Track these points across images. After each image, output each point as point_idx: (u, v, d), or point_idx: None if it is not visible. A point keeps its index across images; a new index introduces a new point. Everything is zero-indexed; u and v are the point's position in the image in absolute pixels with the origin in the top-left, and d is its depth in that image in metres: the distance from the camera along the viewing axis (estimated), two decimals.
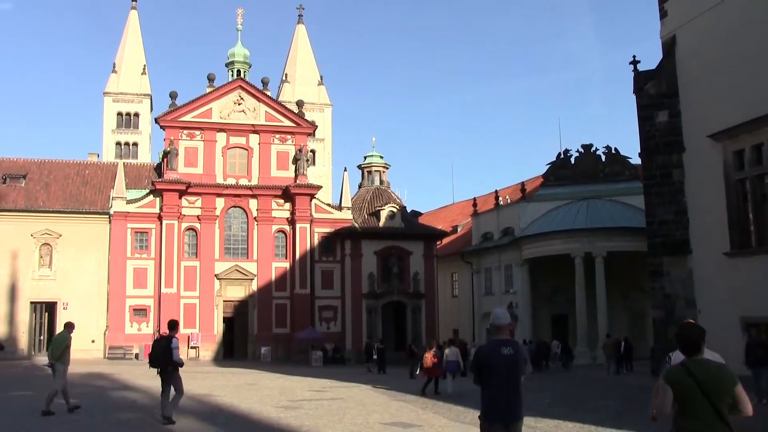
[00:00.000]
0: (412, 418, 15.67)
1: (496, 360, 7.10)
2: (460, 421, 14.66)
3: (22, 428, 13.46)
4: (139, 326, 44.95)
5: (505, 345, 7.21)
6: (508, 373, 7.10)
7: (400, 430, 13.61)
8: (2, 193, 45.65)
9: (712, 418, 5.12)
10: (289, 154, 48.67)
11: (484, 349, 7.50)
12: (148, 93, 77.05)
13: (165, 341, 13.75)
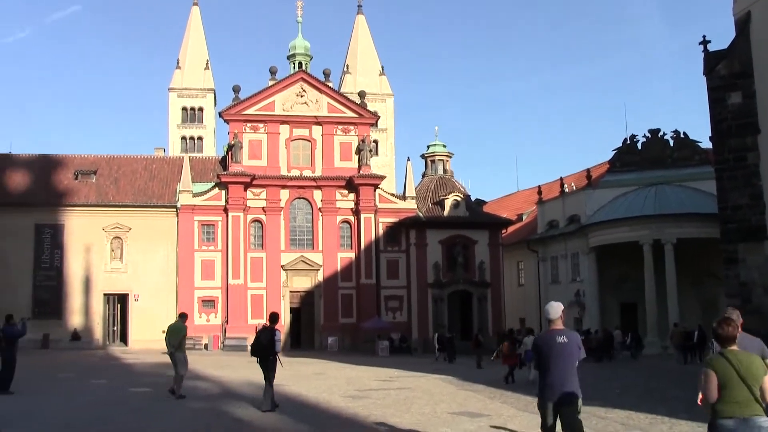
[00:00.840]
0: (479, 407, 15.55)
1: (551, 347, 8.19)
2: (529, 411, 14.43)
3: (100, 416, 13.74)
4: (208, 317, 45.73)
5: (559, 334, 8.25)
6: (562, 359, 8.16)
7: (468, 420, 13.49)
8: (74, 189, 46.98)
9: (748, 400, 5.80)
10: (352, 144, 48.79)
11: (541, 337, 8.68)
12: (212, 88, 78.04)
13: (269, 332, 14.44)
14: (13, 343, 17.69)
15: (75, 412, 14.50)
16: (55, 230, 45.81)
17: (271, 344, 14.25)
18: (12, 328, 17.91)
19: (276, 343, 14.29)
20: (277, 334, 14.40)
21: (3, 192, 46.48)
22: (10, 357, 17.57)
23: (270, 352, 14.27)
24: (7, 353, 17.52)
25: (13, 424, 12.45)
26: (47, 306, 44.90)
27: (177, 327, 17.28)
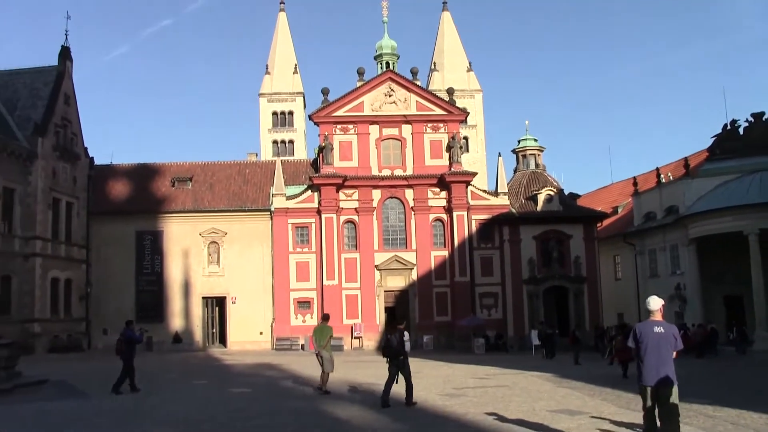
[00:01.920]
0: (579, 405, 15.21)
1: (649, 336, 9.46)
2: (631, 409, 14.04)
3: (206, 414, 14.04)
4: (304, 318, 46.34)
5: (657, 325, 9.54)
6: (659, 346, 9.40)
7: (567, 418, 13.19)
8: (172, 196, 48.42)
9: None
10: (442, 142, 48.59)
11: (640, 327, 9.76)
12: (301, 91, 79.11)
13: (399, 334, 15.60)
14: (132, 347, 18.91)
15: (182, 411, 14.88)
16: (155, 236, 47.36)
17: (401, 345, 15.46)
18: (132, 333, 19.29)
19: (405, 344, 15.60)
20: (406, 335, 15.77)
21: (106, 201, 48.33)
22: (129, 360, 18.78)
23: (401, 353, 15.40)
24: (126, 355, 18.76)
25: (129, 422, 12.86)
26: (150, 310, 46.46)
27: (323, 328, 18.91)
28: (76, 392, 18.75)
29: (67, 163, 45.11)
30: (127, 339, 19.00)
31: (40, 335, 40.74)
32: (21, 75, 45.91)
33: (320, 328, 19.03)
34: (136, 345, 19.36)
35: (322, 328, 18.94)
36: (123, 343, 18.98)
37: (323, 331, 18.77)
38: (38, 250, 41.55)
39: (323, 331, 18.77)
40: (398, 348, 15.44)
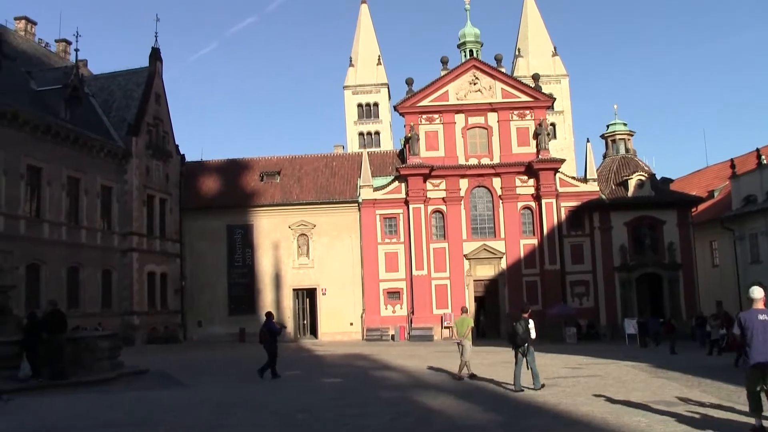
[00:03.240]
0: (676, 396, 14.70)
1: (753, 323, 9.91)
2: (732, 401, 13.49)
3: (301, 404, 14.19)
4: (393, 308, 46.50)
5: (761, 312, 9.99)
6: (763, 333, 9.83)
7: (664, 409, 12.74)
8: (261, 190, 49.27)
9: None
10: (529, 129, 47.90)
11: (744, 315, 10.16)
12: (385, 82, 79.35)
13: (525, 322, 16.13)
14: (275, 338, 20.57)
15: (276, 401, 15.09)
16: (246, 230, 48.27)
17: (527, 333, 16.03)
18: (272, 324, 21.10)
19: (530, 332, 16.11)
20: (531, 323, 16.15)
21: (197, 196, 49.54)
22: (272, 349, 20.33)
23: (527, 340, 15.98)
24: (270, 345, 20.33)
25: (225, 411, 13.12)
26: (242, 302, 47.49)
27: (464, 320, 20.06)
28: (175, 382, 19.28)
29: (159, 161, 46.43)
30: (269, 330, 20.71)
31: (138, 327, 42.10)
32: (115, 78, 47.49)
33: (461, 319, 20.26)
34: (277, 335, 20.93)
35: (463, 319, 20.16)
36: (266, 333, 20.69)
37: (464, 323, 19.99)
38: (135, 246, 42.94)
39: (464, 323, 19.99)
40: (524, 336, 15.99)
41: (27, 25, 48.03)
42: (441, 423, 11.91)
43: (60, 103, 39.01)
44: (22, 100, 36.54)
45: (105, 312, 39.95)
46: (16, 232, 34.48)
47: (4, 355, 18.12)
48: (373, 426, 11.45)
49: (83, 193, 39.79)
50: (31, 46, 46.56)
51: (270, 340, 20.52)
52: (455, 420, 12.17)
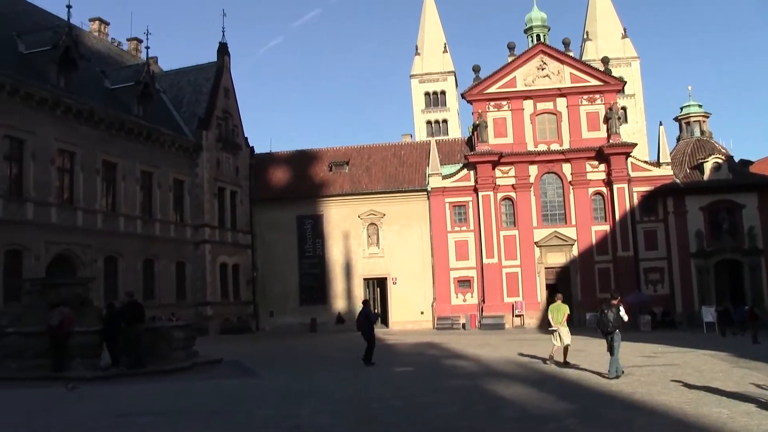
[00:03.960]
0: (759, 387, 14.19)
1: None
2: None
3: (371, 393, 14.23)
4: (464, 297, 46.28)
5: None
6: None
7: (747, 401, 12.32)
8: (330, 180, 49.58)
9: None
10: (599, 113, 46.95)
11: None
12: (452, 70, 78.88)
13: (615, 309, 16.27)
14: (371, 325, 21.13)
15: (348, 389, 15.16)
16: (316, 220, 48.66)
17: (617, 320, 16.09)
18: (369, 311, 21.77)
19: (623, 318, 16.25)
20: (621, 310, 16.28)
21: (267, 188, 50.17)
22: (370, 336, 20.85)
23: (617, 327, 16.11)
24: (368, 333, 20.87)
25: (297, 400, 13.23)
26: (313, 292, 47.97)
27: (559, 306, 20.01)
28: (248, 371, 19.53)
29: (229, 154, 47.13)
30: (366, 317, 21.29)
31: (212, 318, 42.88)
32: (185, 73, 48.45)
33: (556, 306, 20.16)
34: (373, 323, 21.42)
35: (558, 306, 20.08)
36: (363, 321, 21.26)
37: (559, 309, 19.93)
38: (207, 238, 43.72)
39: (559, 309, 19.93)
40: (614, 323, 16.07)
41: (100, 26, 49.27)
42: (513, 412, 11.78)
43: (133, 100, 39.98)
44: (97, 98, 37.54)
45: (179, 303, 40.86)
46: (93, 226, 35.54)
47: (85, 344, 18.68)
48: (445, 415, 11.39)
49: (156, 187, 40.74)
50: (105, 46, 47.74)
51: (367, 328, 21.07)
52: (527, 409, 12.01)
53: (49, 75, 33.99)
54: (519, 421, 10.76)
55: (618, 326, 16.19)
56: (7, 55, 33.16)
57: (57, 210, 33.42)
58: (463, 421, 10.81)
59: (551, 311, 20.38)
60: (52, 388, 15.74)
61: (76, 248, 34.29)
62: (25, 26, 36.54)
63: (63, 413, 12.17)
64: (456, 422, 10.69)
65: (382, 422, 10.89)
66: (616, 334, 16.14)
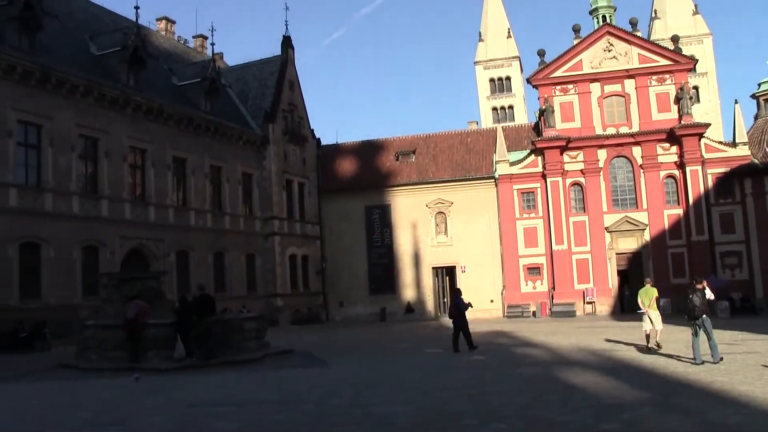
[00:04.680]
0: None
1: None
2: None
3: (443, 382, 14.16)
4: (534, 284, 45.81)
5: None
6: None
7: None
8: (396, 170, 49.60)
9: None
10: (670, 94, 45.74)
11: None
12: (516, 55, 78.09)
13: (701, 294, 16.28)
14: (463, 314, 21.58)
15: (418, 379, 15.13)
16: (383, 210, 48.77)
17: (704, 305, 16.13)
18: (461, 301, 22.08)
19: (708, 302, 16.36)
20: (708, 294, 16.47)
21: (334, 179, 50.48)
22: (462, 324, 21.39)
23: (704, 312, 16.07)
24: (459, 321, 21.44)
25: (368, 389, 13.26)
26: (382, 282, 48.16)
27: (647, 290, 20.01)
28: (318, 361, 19.67)
29: (296, 146, 47.54)
30: (457, 306, 21.80)
31: (282, 309, 43.40)
32: (250, 68, 49.06)
33: (645, 290, 20.07)
34: (464, 311, 21.77)
35: (647, 290, 20.01)
36: (454, 310, 21.86)
37: (648, 293, 19.89)
38: (276, 230, 44.24)
39: (648, 293, 19.89)
40: (700, 307, 16.00)
41: (167, 25, 50.26)
42: (585, 400, 11.56)
43: (200, 95, 40.67)
44: (165, 95, 38.30)
45: (250, 294, 41.48)
46: (165, 220, 36.31)
47: (159, 336, 19.09)
48: (516, 404, 11.25)
49: (225, 181, 41.39)
50: (172, 44, 48.63)
51: (459, 316, 21.48)
52: (600, 398, 11.77)
53: (119, 75, 34.84)
54: (591, 410, 10.54)
55: (705, 311, 16.09)
56: (80, 58, 34.12)
57: (130, 206, 34.27)
58: (534, 410, 10.66)
59: (640, 295, 20.17)
60: (128, 379, 16.15)
61: (149, 243, 35.11)
62: (97, 29, 37.62)
63: (139, 403, 12.45)
64: (527, 411, 10.56)
65: (452, 411, 10.82)
66: (705, 319, 15.99)
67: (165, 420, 10.67)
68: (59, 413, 11.87)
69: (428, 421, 9.97)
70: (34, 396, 14.49)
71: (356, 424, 9.93)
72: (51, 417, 11.49)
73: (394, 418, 10.29)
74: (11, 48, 28.97)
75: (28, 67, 29.23)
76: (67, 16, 35.78)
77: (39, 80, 29.79)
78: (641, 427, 9.07)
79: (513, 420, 9.72)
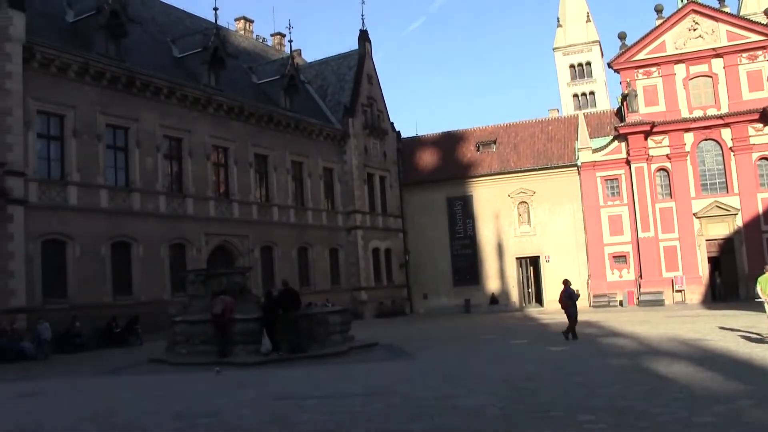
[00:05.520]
0: None
1: None
2: None
3: (528, 372, 14.01)
4: (620, 273, 44.86)
5: None
6: None
7: None
8: (477, 160, 49.33)
9: None
10: (762, 72, 43.74)
11: None
12: (596, 40, 76.57)
13: None
14: (574, 302, 22.16)
15: (503, 370, 15.00)
16: (465, 201, 48.58)
17: None
18: (571, 290, 22.63)
19: None
20: None
21: (415, 171, 50.56)
22: (573, 312, 21.89)
23: None
24: (571, 310, 21.91)
25: (453, 381, 13.21)
26: (465, 273, 48.02)
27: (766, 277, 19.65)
28: (404, 354, 19.71)
29: (376, 140, 47.75)
30: (568, 295, 22.26)
31: (366, 302, 43.71)
32: (328, 63, 49.52)
33: (765, 277, 19.73)
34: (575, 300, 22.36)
35: (767, 278, 19.67)
36: (565, 299, 22.27)
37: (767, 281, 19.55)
38: (358, 223, 44.58)
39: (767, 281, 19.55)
40: None
41: (245, 24, 51.21)
42: (677, 392, 11.19)
43: (279, 92, 41.22)
44: (246, 94, 39.02)
45: (334, 288, 41.95)
46: (249, 217, 37.02)
47: (246, 331, 19.43)
48: (604, 395, 11.00)
49: (307, 176, 41.91)
50: (251, 43, 49.46)
51: (569, 305, 21.93)
52: (693, 389, 11.39)
53: (201, 75, 35.65)
54: (682, 402, 10.21)
55: None
56: (163, 61, 35.09)
57: (214, 203, 35.05)
58: (623, 401, 10.40)
59: (759, 282, 19.73)
60: (210, 373, 16.55)
61: (233, 239, 35.84)
62: (178, 32, 38.64)
63: (228, 396, 12.69)
64: (615, 402, 10.30)
65: (539, 402, 10.66)
66: None
67: (254, 413, 10.85)
68: (154, 405, 12.26)
69: (515, 413, 9.86)
70: (131, 389, 15.02)
71: (443, 415, 9.88)
72: (147, 409, 11.88)
73: (481, 409, 10.21)
74: (99, 55, 30.00)
75: (115, 72, 30.25)
76: (149, 21, 36.87)
77: (125, 84, 30.79)
78: (737, 421, 8.73)
79: (601, 412, 9.50)
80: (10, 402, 13.74)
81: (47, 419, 11.30)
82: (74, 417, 11.33)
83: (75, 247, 27.92)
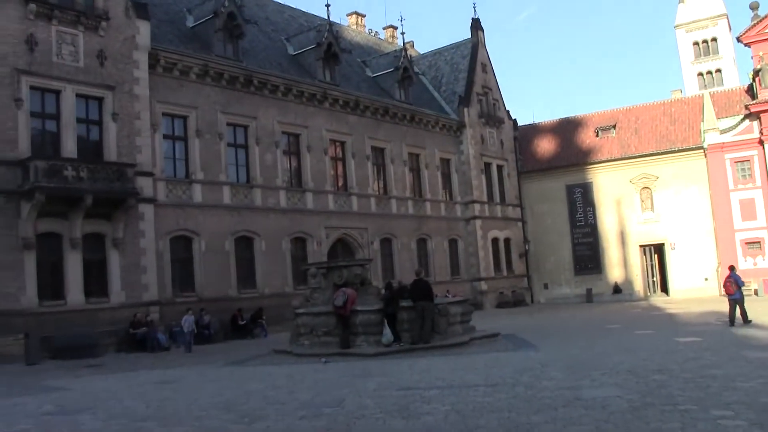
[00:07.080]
0: None
1: None
2: None
3: (655, 364, 13.53)
4: (754, 260, 42.75)
5: None
6: None
7: None
8: (597, 146, 48.16)
9: None
10: None
11: None
12: (723, 13, 73.08)
13: None
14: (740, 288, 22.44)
15: (629, 360, 14.54)
16: (585, 188, 47.52)
17: None
18: (737, 276, 22.87)
19: None
20: None
21: (533, 159, 49.83)
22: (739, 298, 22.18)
23: None
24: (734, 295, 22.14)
25: (577, 371, 12.90)
26: (587, 262, 47.12)
27: None
28: (526, 344, 19.40)
29: (492, 128, 47.28)
30: (735, 281, 22.34)
31: (486, 292, 43.42)
32: (441, 54, 49.43)
33: None
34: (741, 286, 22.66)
35: None
36: (731, 285, 22.31)
37: None
38: (477, 213, 44.32)
39: None
40: None
41: (357, 19, 51.82)
42: None
43: (394, 85, 41.45)
44: (361, 87, 39.45)
45: (454, 279, 41.89)
46: (368, 209, 37.41)
47: (367, 322, 19.60)
48: (742, 389, 10.43)
49: (424, 167, 41.97)
50: (363, 38, 49.91)
51: (736, 290, 22.08)
52: None
53: (316, 71, 36.26)
54: None
55: None
56: (279, 59, 35.95)
57: (333, 197, 35.63)
58: (764, 396, 9.83)
59: None
60: (340, 364, 16.76)
61: (353, 232, 36.31)
62: (292, 30, 39.51)
63: (351, 387, 12.82)
64: (755, 397, 9.73)
65: (668, 394, 10.21)
66: None
67: (376, 403, 10.90)
68: (280, 394, 12.58)
69: (643, 405, 9.48)
70: (259, 379, 15.43)
71: (567, 407, 9.63)
72: (273, 398, 12.20)
73: (607, 401, 9.89)
74: (218, 56, 31.01)
75: (234, 72, 31.19)
76: (264, 21, 37.80)
77: (243, 84, 31.70)
78: None
79: (739, 407, 8.98)
80: (151, 388, 14.67)
81: (183, 406, 11.87)
82: (208, 404, 11.82)
83: (201, 243, 29.06)
